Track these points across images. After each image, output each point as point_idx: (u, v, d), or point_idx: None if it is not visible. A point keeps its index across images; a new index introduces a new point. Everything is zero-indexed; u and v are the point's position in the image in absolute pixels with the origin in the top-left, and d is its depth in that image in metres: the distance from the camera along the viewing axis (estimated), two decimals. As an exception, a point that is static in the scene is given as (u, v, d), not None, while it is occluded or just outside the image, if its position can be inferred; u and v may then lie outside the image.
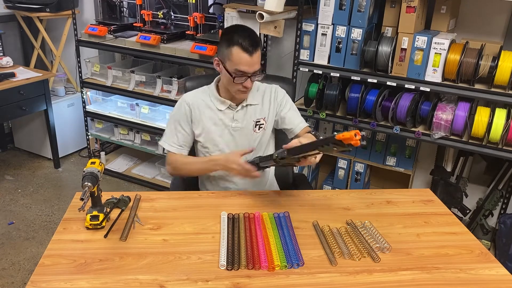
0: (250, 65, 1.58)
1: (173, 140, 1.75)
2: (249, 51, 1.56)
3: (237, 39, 1.56)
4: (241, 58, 1.57)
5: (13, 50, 3.73)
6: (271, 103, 1.78)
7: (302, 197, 1.68)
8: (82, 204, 1.29)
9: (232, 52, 1.57)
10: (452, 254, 1.36)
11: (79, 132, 3.70)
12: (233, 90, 1.66)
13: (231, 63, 1.59)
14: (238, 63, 1.57)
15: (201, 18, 2.87)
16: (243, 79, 1.60)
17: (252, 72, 1.60)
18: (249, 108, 1.75)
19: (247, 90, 1.65)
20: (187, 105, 1.73)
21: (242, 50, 1.56)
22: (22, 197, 3.15)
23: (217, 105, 1.73)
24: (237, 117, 1.73)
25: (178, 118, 1.74)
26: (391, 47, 2.29)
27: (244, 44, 1.55)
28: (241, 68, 1.58)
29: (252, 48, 1.56)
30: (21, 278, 2.38)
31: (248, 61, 1.57)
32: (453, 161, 2.74)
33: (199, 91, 1.78)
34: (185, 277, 1.21)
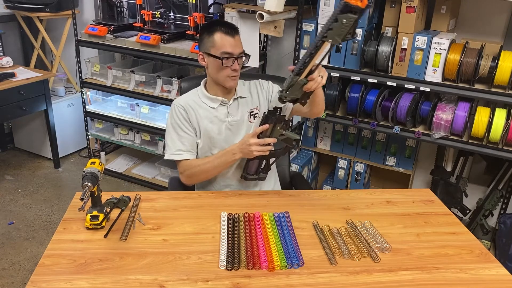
0: (234, 46, 1.64)
1: (178, 148, 1.72)
2: (230, 33, 1.64)
3: (216, 27, 1.65)
4: (225, 41, 1.63)
5: (13, 50, 3.73)
6: (259, 93, 1.81)
7: (302, 197, 1.68)
8: (82, 204, 1.29)
9: (215, 38, 1.64)
10: (452, 254, 1.36)
11: (79, 132, 3.70)
12: (223, 78, 1.67)
13: (216, 49, 1.64)
14: (222, 45, 1.63)
15: (201, 18, 2.86)
16: (230, 61, 1.63)
17: (237, 53, 1.64)
18: (240, 100, 1.77)
19: (236, 75, 1.68)
20: (181, 108, 1.73)
21: (224, 34, 1.64)
22: (22, 197, 3.15)
23: (209, 104, 1.74)
24: (231, 111, 1.75)
25: (177, 122, 1.72)
26: (391, 47, 2.29)
27: (224, 29, 1.64)
28: (226, 49, 1.63)
29: (233, 31, 1.65)
30: (21, 278, 2.38)
31: (231, 42, 1.63)
32: (453, 161, 2.74)
33: (189, 94, 1.80)
34: (185, 277, 1.21)
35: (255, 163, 1.66)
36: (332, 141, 2.91)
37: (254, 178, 1.69)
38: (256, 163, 1.66)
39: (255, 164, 1.66)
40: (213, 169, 1.70)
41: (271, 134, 1.57)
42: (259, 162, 1.67)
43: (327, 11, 2.41)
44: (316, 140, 2.95)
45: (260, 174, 1.69)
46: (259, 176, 1.69)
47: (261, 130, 1.56)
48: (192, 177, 1.73)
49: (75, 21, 3.18)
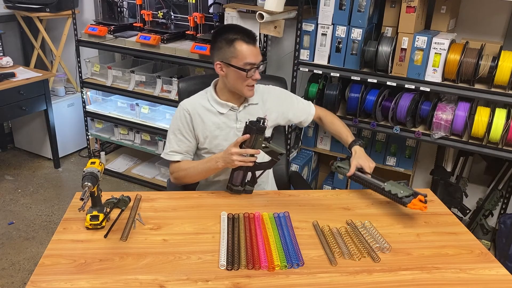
0: (256, 55, 1.61)
1: (174, 149, 1.72)
2: (251, 42, 1.60)
3: (235, 35, 1.59)
4: (247, 51, 1.59)
5: (13, 50, 3.73)
6: (272, 101, 1.79)
7: (302, 197, 1.68)
8: (82, 204, 1.29)
9: (237, 48, 1.59)
10: (452, 254, 1.36)
11: (79, 132, 3.70)
12: (242, 88, 1.64)
13: (238, 59, 1.59)
14: (245, 56, 1.59)
15: (201, 18, 2.86)
16: (253, 72, 1.61)
17: (258, 62, 1.62)
18: (250, 108, 1.74)
19: (254, 85, 1.66)
20: (187, 112, 1.70)
21: (245, 43, 1.59)
22: (22, 197, 3.15)
23: (218, 109, 1.71)
24: (240, 118, 1.72)
25: (178, 127, 1.72)
26: (391, 47, 2.29)
27: (244, 37, 1.59)
28: (250, 60, 1.59)
29: (252, 40, 1.61)
30: (21, 278, 2.38)
31: (253, 51, 1.60)
32: (453, 161, 2.74)
33: (196, 97, 1.76)
34: (185, 277, 1.21)
35: (240, 175, 1.62)
36: (332, 141, 2.91)
37: (239, 191, 1.64)
38: (240, 174, 1.62)
39: (239, 175, 1.62)
40: (197, 174, 1.69)
41: (253, 146, 1.53)
42: (244, 174, 1.62)
43: (327, 11, 2.41)
44: (316, 140, 2.95)
45: (246, 186, 1.64)
46: (245, 188, 1.64)
47: (242, 139, 1.53)
48: (178, 179, 1.73)
49: (75, 21, 3.18)
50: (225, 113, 1.71)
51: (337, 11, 2.39)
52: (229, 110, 1.71)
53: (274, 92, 1.83)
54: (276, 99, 1.81)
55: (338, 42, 2.44)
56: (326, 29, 2.44)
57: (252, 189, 1.65)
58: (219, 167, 1.61)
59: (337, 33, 2.43)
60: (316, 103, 2.59)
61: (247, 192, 1.65)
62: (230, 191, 1.65)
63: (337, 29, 2.42)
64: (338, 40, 2.44)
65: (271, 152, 1.56)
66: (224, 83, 1.69)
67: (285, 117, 1.84)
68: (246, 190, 1.64)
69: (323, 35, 2.46)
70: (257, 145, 1.53)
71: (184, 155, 1.73)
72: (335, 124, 1.88)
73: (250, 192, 1.65)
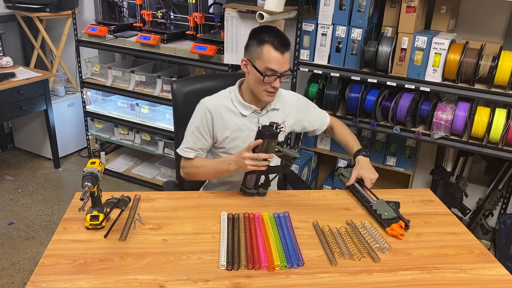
0: (281, 64, 1.55)
1: (189, 146, 1.70)
2: (280, 50, 1.54)
3: (268, 37, 1.55)
4: (272, 56, 1.54)
5: (13, 50, 3.73)
6: (292, 107, 1.78)
7: (302, 197, 1.68)
8: (82, 204, 1.29)
9: (263, 50, 1.55)
10: (452, 254, 1.36)
11: (79, 132, 3.70)
12: (260, 92, 1.60)
13: (261, 62, 1.56)
14: (268, 61, 1.54)
15: (201, 18, 2.86)
16: (272, 79, 1.56)
17: (282, 71, 1.57)
18: (273, 113, 1.72)
19: (275, 91, 1.61)
20: (208, 111, 1.67)
21: (274, 48, 1.54)
22: (22, 197, 3.15)
23: (240, 110, 1.68)
24: (262, 121, 1.69)
25: (198, 125, 1.69)
26: (391, 47, 2.29)
27: (275, 42, 1.54)
28: (272, 66, 1.54)
29: (283, 48, 1.55)
30: (21, 278, 2.38)
31: (279, 59, 1.55)
32: (453, 161, 2.74)
33: (219, 96, 1.72)
34: (185, 277, 1.21)
35: (253, 178, 1.61)
36: (332, 141, 2.91)
37: (252, 193, 1.63)
38: (254, 177, 1.61)
39: (253, 178, 1.61)
40: (208, 174, 1.71)
41: (266, 150, 1.51)
42: (257, 177, 1.61)
43: (327, 11, 2.41)
44: (316, 140, 2.95)
45: (260, 189, 1.63)
46: (258, 191, 1.63)
47: (254, 144, 1.50)
48: (189, 175, 1.73)
49: (75, 21, 3.18)
50: (248, 115, 1.68)
51: (337, 11, 2.39)
52: (252, 112, 1.69)
53: (295, 99, 1.81)
54: (296, 106, 1.80)
55: (338, 42, 2.44)
56: (326, 29, 2.44)
57: (266, 191, 1.65)
58: (231, 170, 1.59)
59: (337, 33, 2.43)
60: (316, 103, 2.59)
61: (260, 194, 1.64)
62: (243, 193, 1.64)
63: (337, 29, 2.42)
64: (338, 40, 2.44)
65: (284, 156, 1.54)
66: (248, 83, 1.66)
67: (300, 124, 1.84)
68: (260, 192, 1.64)
69: (323, 35, 2.46)
70: (270, 150, 1.51)
71: (198, 152, 1.71)
72: (344, 133, 1.90)
73: (263, 194, 1.65)
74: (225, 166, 1.60)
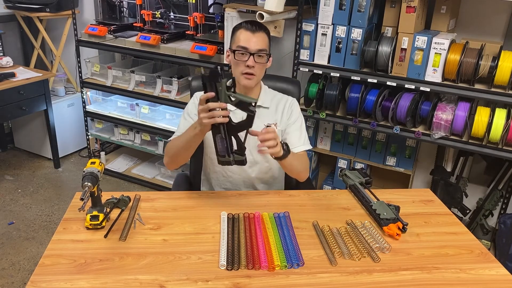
0: (251, 41, 1.59)
1: (177, 132, 1.68)
2: (250, 29, 1.60)
3: (242, 23, 1.64)
4: (242, 35, 1.60)
5: (13, 50, 3.74)
6: (284, 111, 1.75)
7: (302, 197, 1.68)
8: (82, 204, 1.29)
9: (236, 34, 1.63)
10: (452, 254, 1.36)
11: (79, 132, 3.70)
12: (238, 75, 1.62)
13: (234, 43, 1.62)
14: (239, 40, 1.61)
15: (201, 18, 2.87)
16: (245, 57, 1.59)
17: (254, 50, 1.59)
18: (260, 110, 1.71)
19: (252, 73, 1.60)
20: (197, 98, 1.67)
21: (244, 29, 1.62)
22: (22, 197, 3.15)
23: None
24: None
25: (188, 111, 1.72)
26: (391, 47, 2.29)
27: (247, 25, 1.62)
28: (241, 44, 1.59)
29: (254, 27, 1.60)
30: (21, 278, 2.38)
31: (249, 37, 1.59)
32: (453, 161, 2.74)
33: None
34: (185, 277, 1.21)
35: (223, 142, 1.44)
36: (332, 141, 2.91)
37: (229, 161, 1.45)
38: (222, 141, 1.44)
39: (222, 143, 1.44)
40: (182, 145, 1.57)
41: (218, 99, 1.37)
42: (226, 140, 1.44)
43: (327, 11, 2.41)
44: (316, 140, 2.95)
45: (235, 155, 1.45)
46: (234, 158, 1.45)
47: (205, 97, 1.38)
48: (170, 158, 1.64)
49: (75, 21, 3.18)
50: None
51: (337, 11, 2.39)
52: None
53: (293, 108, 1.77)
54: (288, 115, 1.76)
55: (338, 42, 2.44)
56: (326, 29, 2.44)
57: (243, 158, 1.45)
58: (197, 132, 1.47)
59: (337, 33, 2.43)
60: (316, 103, 2.60)
61: (238, 163, 1.46)
62: (221, 164, 1.48)
63: (337, 29, 2.42)
64: (338, 40, 2.44)
65: (240, 104, 1.39)
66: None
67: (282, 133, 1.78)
68: (236, 160, 1.46)
69: (323, 35, 2.46)
70: (222, 97, 1.38)
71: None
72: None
73: (242, 162, 1.46)
74: (191, 131, 1.50)
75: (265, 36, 1.63)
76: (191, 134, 1.50)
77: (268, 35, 1.66)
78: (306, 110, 2.60)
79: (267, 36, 1.64)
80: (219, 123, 1.40)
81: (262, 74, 1.68)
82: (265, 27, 1.65)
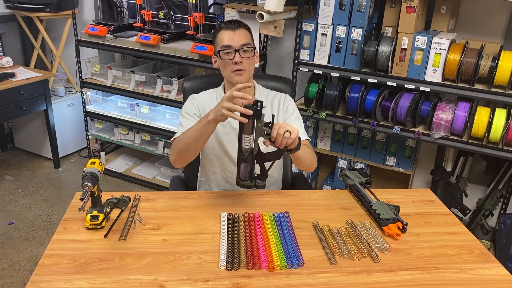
0: (233, 38, 1.61)
1: (180, 131, 1.66)
2: (230, 27, 1.62)
3: (220, 25, 1.66)
4: (223, 35, 1.62)
5: (13, 50, 3.74)
6: (280, 107, 1.77)
7: (302, 197, 1.68)
8: (82, 204, 1.29)
9: (218, 36, 1.64)
10: (452, 254, 1.36)
11: (79, 132, 3.70)
12: (228, 74, 1.64)
13: (218, 45, 1.64)
14: (222, 40, 1.62)
15: (201, 18, 2.87)
16: (231, 55, 1.60)
17: (238, 46, 1.60)
18: None
19: (242, 69, 1.61)
20: (195, 101, 1.74)
21: (224, 29, 1.63)
22: (22, 197, 3.15)
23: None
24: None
25: (187, 110, 1.72)
26: (391, 47, 2.29)
27: (226, 25, 1.64)
28: (224, 43, 1.61)
29: (234, 25, 1.62)
30: (21, 278, 2.38)
31: (230, 35, 1.61)
32: (453, 161, 2.74)
33: (206, 93, 1.78)
34: (185, 277, 1.21)
35: (246, 168, 1.47)
36: (332, 141, 2.91)
37: (249, 185, 1.48)
38: (247, 167, 1.47)
39: (246, 168, 1.47)
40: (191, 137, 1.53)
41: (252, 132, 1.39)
42: (250, 166, 1.47)
43: (327, 11, 2.41)
44: (316, 140, 2.95)
45: (257, 181, 1.48)
46: (255, 183, 1.48)
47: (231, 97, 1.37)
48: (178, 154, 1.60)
49: (75, 21, 3.18)
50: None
51: (337, 11, 2.39)
52: None
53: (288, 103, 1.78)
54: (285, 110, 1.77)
55: (338, 42, 2.44)
56: (326, 29, 2.44)
57: (264, 183, 1.48)
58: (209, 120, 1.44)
59: (337, 33, 2.43)
60: (316, 103, 2.60)
61: (258, 187, 1.48)
62: (240, 186, 1.50)
63: (337, 29, 2.42)
64: (338, 40, 2.44)
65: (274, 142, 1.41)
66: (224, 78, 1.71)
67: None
68: (257, 185, 1.48)
69: (323, 35, 2.46)
70: (257, 133, 1.40)
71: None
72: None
73: (262, 187, 1.48)
74: (203, 119, 1.47)
75: (246, 31, 1.65)
76: (202, 123, 1.47)
77: (249, 30, 1.68)
78: (306, 110, 2.60)
79: (248, 32, 1.66)
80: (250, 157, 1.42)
81: (252, 69, 1.68)
82: (244, 24, 1.67)
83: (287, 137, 1.38)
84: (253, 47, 1.65)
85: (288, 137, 1.38)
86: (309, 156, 1.63)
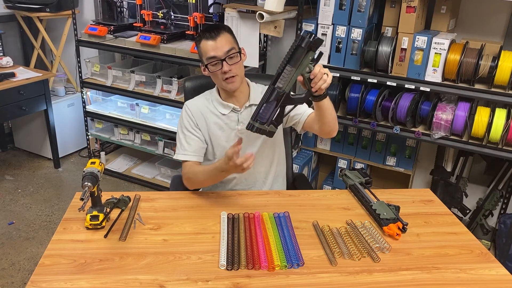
0: (216, 48, 1.59)
1: (185, 148, 1.70)
2: (211, 37, 1.60)
3: (200, 35, 1.64)
4: (206, 46, 1.61)
5: (13, 50, 3.73)
6: None
7: (302, 197, 1.68)
8: (82, 204, 1.29)
9: (201, 47, 1.63)
10: (452, 254, 1.36)
11: (79, 132, 3.70)
12: (221, 83, 1.65)
13: (203, 56, 1.63)
14: (206, 52, 1.61)
15: (201, 18, 2.86)
16: (219, 66, 1.60)
17: (223, 54, 1.59)
18: (253, 109, 1.71)
19: (232, 76, 1.62)
20: (189, 110, 1.72)
21: (206, 39, 1.61)
22: (22, 197, 3.15)
23: (220, 110, 1.71)
24: (242, 119, 1.71)
25: (185, 125, 1.72)
26: (391, 47, 2.29)
27: (205, 34, 1.62)
28: (209, 54, 1.60)
29: (213, 34, 1.60)
30: (21, 278, 2.38)
31: (212, 46, 1.59)
32: (453, 161, 2.74)
33: (200, 97, 1.78)
34: (185, 277, 1.21)
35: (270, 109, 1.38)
36: (332, 141, 2.91)
37: (263, 129, 1.38)
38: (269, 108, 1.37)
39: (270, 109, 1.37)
40: (206, 181, 1.65)
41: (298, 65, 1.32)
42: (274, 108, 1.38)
43: (327, 11, 2.41)
44: (316, 140, 2.95)
45: (270, 125, 1.39)
46: (269, 128, 1.39)
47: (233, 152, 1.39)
48: (189, 181, 1.68)
49: (75, 21, 3.18)
50: (227, 114, 1.71)
51: (337, 11, 2.39)
52: (231, 111, 1.71)
53: None
54: None
55: (338, 42, 2.44)
56: (326, 29, 2.45)
57: (275, 131, 1.41)
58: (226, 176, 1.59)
59: (337, 33, 2.43)
60: (316, 103, 2.60)
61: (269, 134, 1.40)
62: (250, 128, 1.41)
63: (337, 29, 2.42)
64: (338, 40, 2.44)
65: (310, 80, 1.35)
66: None
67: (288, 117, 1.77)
68: (270, 130, 1.40)
69: (323, 35, 2.46)
70: (303, 65, 1.32)
71: (196, 155, 1.69)
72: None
73: (271, 134, 1.40)
74: (218, 173, 1.55)
75: (227, 34, 1.63)
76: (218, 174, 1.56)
77: (230, 31, 1.66)
78: (306, 110, 2.59)
79: (229, 33, 1.64)
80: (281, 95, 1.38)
81: (242, 71, 1.68)
82: (223, 26, 1.66)
83: (325, 79, 1.38)
84: (238, 50, 1.63)
85: (325, 79, 1.38)
86: (333, 111, 1.59)
